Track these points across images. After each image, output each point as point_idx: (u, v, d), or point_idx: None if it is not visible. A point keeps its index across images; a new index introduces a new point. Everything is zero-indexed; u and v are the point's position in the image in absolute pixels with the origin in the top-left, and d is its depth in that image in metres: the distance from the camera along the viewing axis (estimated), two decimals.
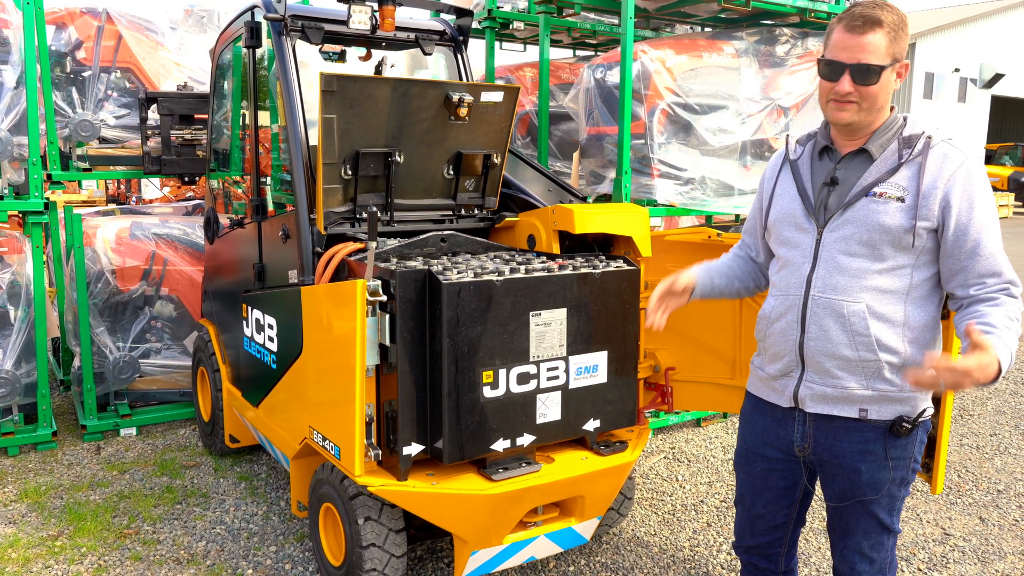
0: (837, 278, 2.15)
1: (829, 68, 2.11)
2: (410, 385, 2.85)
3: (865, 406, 2.16)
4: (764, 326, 2.34)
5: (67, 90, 5.31)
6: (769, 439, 2.37)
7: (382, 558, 3.00)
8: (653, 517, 4.11)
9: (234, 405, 4.31)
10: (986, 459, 4.95)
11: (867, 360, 2.13)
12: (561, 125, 5.89)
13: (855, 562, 2.30)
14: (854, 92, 2.08)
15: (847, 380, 2.16)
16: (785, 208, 2.30)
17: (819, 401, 2.22)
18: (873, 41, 2.04)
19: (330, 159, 3.21)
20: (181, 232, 5.49)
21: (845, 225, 2.15)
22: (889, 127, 2.15)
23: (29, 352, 4.78)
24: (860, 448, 2.19)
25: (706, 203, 5.00)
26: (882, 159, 2.13)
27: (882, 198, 2.10)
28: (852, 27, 2.07)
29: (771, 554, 2.52)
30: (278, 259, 3.68)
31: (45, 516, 4.02)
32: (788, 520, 2.46)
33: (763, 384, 2.38)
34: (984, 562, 3.71)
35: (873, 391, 2.14)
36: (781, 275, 2.30)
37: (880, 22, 2.04)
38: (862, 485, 2.21)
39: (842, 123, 2.14)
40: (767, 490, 2.43)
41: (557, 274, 3.00)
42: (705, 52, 4.89)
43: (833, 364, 2.17)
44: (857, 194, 2.13)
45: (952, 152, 2.08)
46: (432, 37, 4.07)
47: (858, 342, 2.12)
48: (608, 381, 3.19)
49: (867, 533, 2.26)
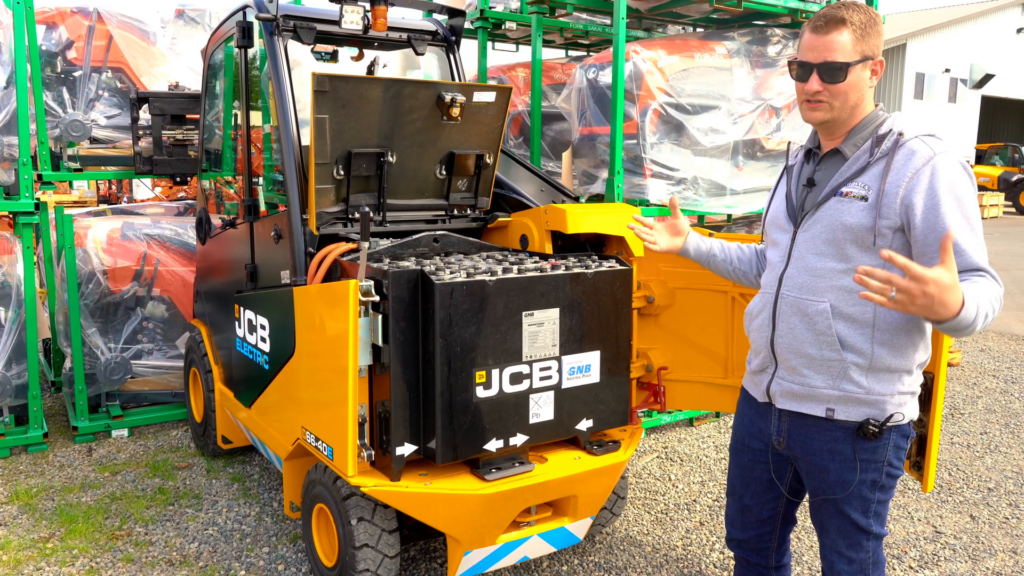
0: (804, 277, 2.18)
1: (799, 69, 2.15)
2: (403, 385, 2.85)
3: (832, 405, 2.17)
4: (747, 322, 2.41)
5: (58, 90, 5.29)
6: (753, 430, 2.42)
7: (375, 559, 3.00)
8: (646, 516, 4.12)
9: (226, 406, 4.30)
10: (976, 457, 4.98)
11: (831, 359, 2.14)
12: (553, 125, 5.91)
13: (833, 560, 2.31)
14: (824, 91, 2.11)
15: (813, 379, 2.18)
16: (774, 211, 2.36)
17: (788, 398, 2.25)
18: (838, 39, 2.07)
19: (322, 159, 3.21)
20: (173, 232, 5.47)
21: (815, 225, 2.17)
22: (865, 126, 2.16)
23: (20, 353, 4.75)
24: (829, 447, 2.20)
25: (698, 203, 5.02)
26: (854, 158, 2.15)
27: (847, 197, 2.11)
28: (816, 28, 2.11)
29: (761, 548, 2.54)
30: (270, 259, 3.67)
31: (36, 518, 4.01)
32: (775, 515, 2.49)
33: (748, 378, 2.45)
34: (975, 560, 3.73)
35: (839, 391, 2.15)
36: (765, 274, 2.37)
37: (844, 20, 2.07)
38: (831, 484, 2.22)
39: (816, 122, 2.18)
40: (753, 481, 2.47)
41: (550, 274, 3.00)
42: (697, 52, 4.91)
43: (800, 362, 2.20)
44: (827, 194, 2.16)
45: (920, 148, 2.05)
46: (424, 37, 4.07)
47: (821, 341, 2.14)
48: (601, 381, 3.19)
49: (842, 532, 2.27)
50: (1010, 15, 32.92)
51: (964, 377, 6.82)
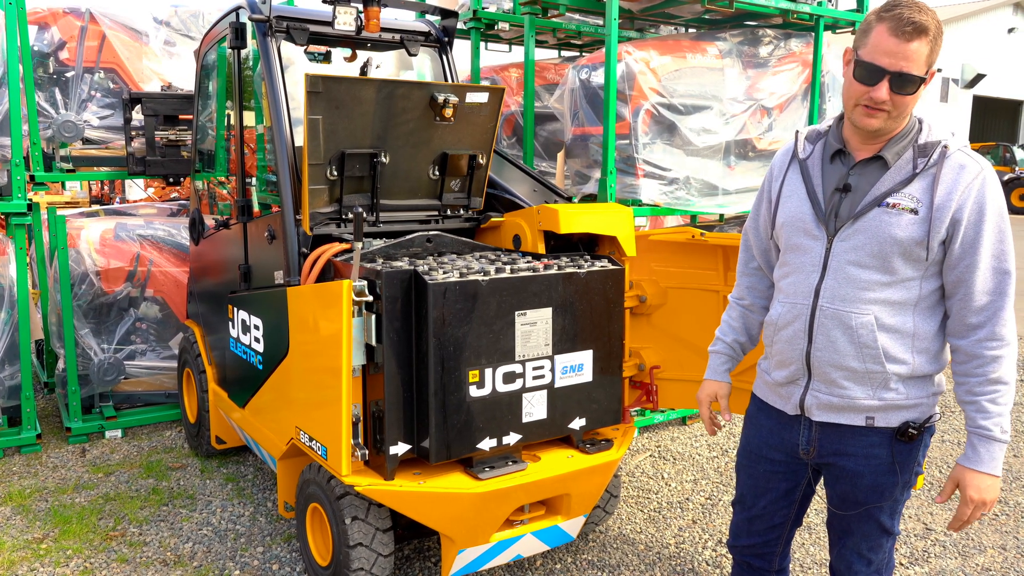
0: (846, 289, 2.08)
1: (867, 72, 1.96)
2: (396, 385, 2.86)
3: (872, 414, 2.12)
4: (771, 332, 2.28)
5: (50, 91, 5.28)
6: (773, 442, 2.33)
7: (369, 557, 3.01)
8: (639, 515, 4.14)
9: (220, 406, 4.30)
10: None
11: (874, 372, 2.08)
12: (546, 125, 5.92)
13: (852, 561, 2.27)
14: (889, 101, 1.96)
15: (853, 390, 2.11)
16: (794, 211, 2.19)
17: (825, 410, 2.17)
18: (918, 49, 1.92)
19: (316, 160, 3.22)
20: (166, 233, 5.47)
21: (856, 235, 2.06)
22: (906, 134, 2.06)
23: (13, 354, 4.75)
24: (865, 452, 2.15)
25: (690, 203, 5.04)
26: (896, 167, 2.04)
27: (895, 209, 2.01)
28: (900, 31, 1.91)
29: (766, 553, 2.49)
30: (264, 260, 3.67)
31: (30, 519, 4.00)
32: (786, 520, 2.43)
33: (769, 389, 2.34)
34: (964, 556, 3.76)
35: (880, 400, 2.10)
36: (789, 281, 2.22)
37: (927, 30, 1.91)
38: (864, 488, 2.18)
39: (870, 129, 2.02)
40: (769, 492, 2.39)
41: (542, 274, 3.02)
42: (689, 53, 4.93)
43: (840, 375, 2.12)
44: (870, 204, 2.04)
45: (969, 163, 1.99)
46: (417, 38, 4.08)
47: (865, 354, 2.07)
48: (594, 380, 3.21)
49: (867, 535, 2.24)
50: (1001, 15, 33.08)
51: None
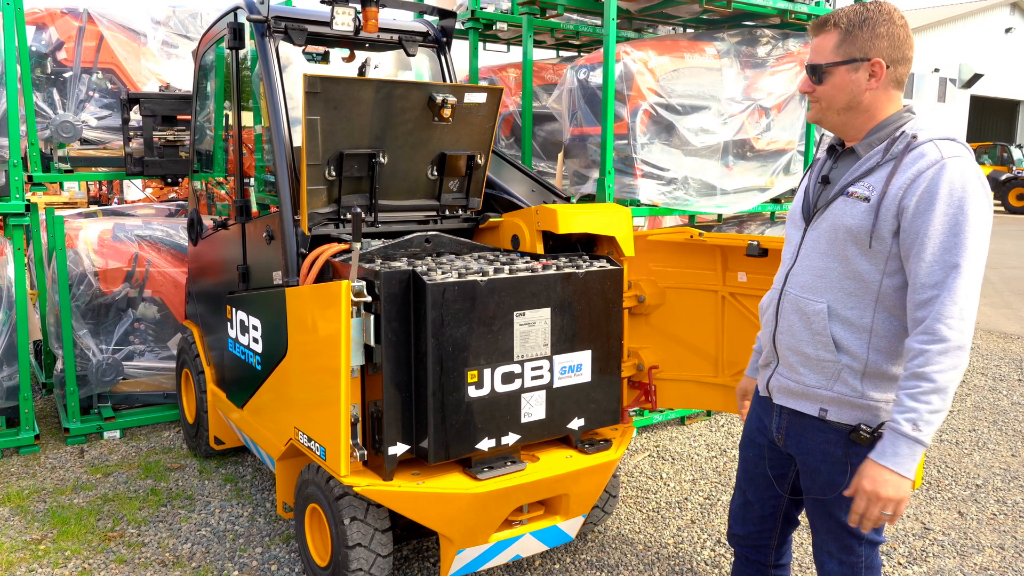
0: (808, 276, 2.17)
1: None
2: (395, 385, 2.86)
3: (825, 406, 2.17)
4: (760, 317, 2.42)
5: (48, 91, 5.28)
6: (760, 426, 2.43)
7: (368, 558, 3.01)
8: (638, 515, 4.14)
9: (219, 407, 4.30)
10: (965, 454, 5.02)
11: (825, 360, 2.13)
12: (545, 126, 5.92)
13: (823, 561, 2.31)
14: (812, 91, 2.14)
15: (808, 377, 2.18)
16: (793, 207, 2.34)
17: (784, 394, 2.27)
18: (821, 42, 2.11)
19: (314, 160, 3.21)
20: (164, 234, 5.46)
21: (821, 224, 2.15)
22: (884, 127, 2.10)
23: (11, 355, 4.74)
24: (822, 448, 2.20)
25: (688, 203, 5.04)
26: (865, 158, 2.10)
27: (852, 198, 2.07)
28: (811, 29, 2.17)
29: (760, 546, 2.53)
30: (262, 260, 3.67)
31: (28, 520, 4.00)
32: (776, 512, 2.47)
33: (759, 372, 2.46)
34: (963, 556, 3.77)
35: (833, 392, 2.14)
36: (778, 270, 2.36)
37: (827, 21, 2.10)
38: (821, 484, 2.22)
39: (809, 120, 2.25)
40: (756, 476, 2.47)
41: (541, 274, 3.02)
42: (687, 53, 4.93)
43: (796, 360, 2.20)
44: (836, 193, 2.13)
45: (931, 152, 1.96)
46: (415, 38, 4.08)
47: (817, 341, 2.13)
48: (592, 380, 3.21)
49: (832, 533, 2.26)
50: (998, 15, 33.14)
51: None
